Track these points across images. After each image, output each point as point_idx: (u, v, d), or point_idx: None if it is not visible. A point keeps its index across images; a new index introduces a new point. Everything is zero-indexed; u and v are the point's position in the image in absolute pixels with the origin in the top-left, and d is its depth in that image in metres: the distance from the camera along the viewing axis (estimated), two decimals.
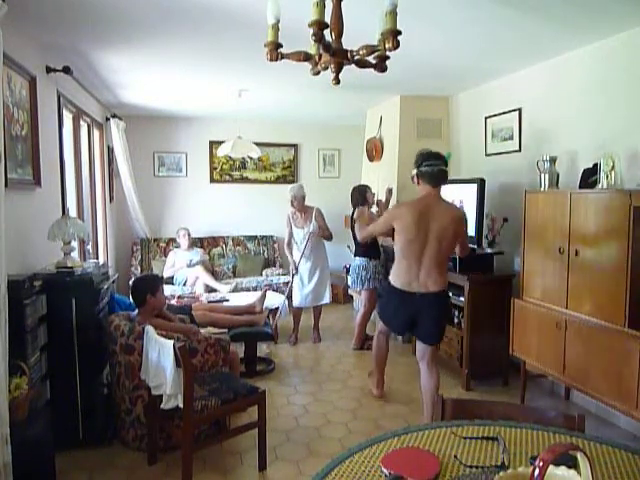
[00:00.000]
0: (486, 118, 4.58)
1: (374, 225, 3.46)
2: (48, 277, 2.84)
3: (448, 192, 4.34)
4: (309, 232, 4.83)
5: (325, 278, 5.04)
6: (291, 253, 5.01)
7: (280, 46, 1.75)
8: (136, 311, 3.16)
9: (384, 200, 4.70)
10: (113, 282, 3.84)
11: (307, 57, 1.80)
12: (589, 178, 3.19)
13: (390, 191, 4.90)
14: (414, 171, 3.05)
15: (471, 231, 3.96)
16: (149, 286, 3.13)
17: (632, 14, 2.85)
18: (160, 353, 2.57)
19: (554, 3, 2.65)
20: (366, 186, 4.89)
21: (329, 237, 4.98)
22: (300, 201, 4.90)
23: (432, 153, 3.07)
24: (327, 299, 5.06)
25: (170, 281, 5.70)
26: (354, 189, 4.84)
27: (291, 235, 5.01)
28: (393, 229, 3.12)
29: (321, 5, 1.60)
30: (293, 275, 4.98)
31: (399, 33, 1.62)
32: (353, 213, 4.74)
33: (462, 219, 3.11)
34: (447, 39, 3.28)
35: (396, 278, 3.11)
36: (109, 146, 5.69)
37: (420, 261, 2.99)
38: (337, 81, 1.81)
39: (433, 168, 2.98)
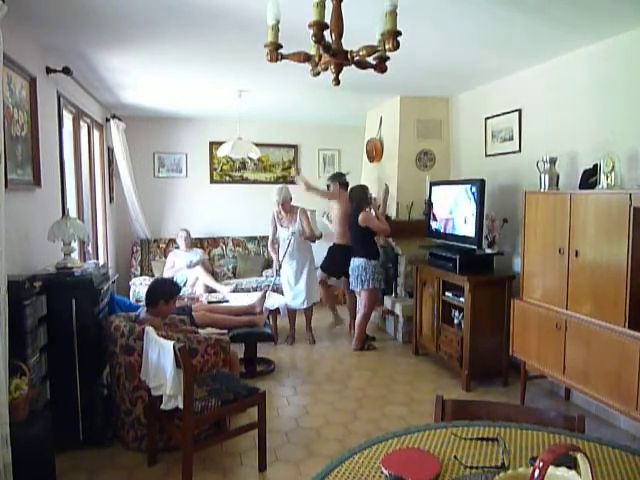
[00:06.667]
0: (486, 119, 4.58)
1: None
2: (48, 278, 2.83)
3: (447, 193, 4.39)
4: (292, 232, 4.85)
5: (313, 278, 5.05)
6: (276, 252, 5.07)
7: (280, 47, 1.75)
8: (143, 309, 3.17)
9: (381, 199, 4.69)
10: (113, 283, 3.84)
11: (307, 58, 1.80)
12: (589, 179, 3.19)
13: (387, 190, 4.89)
14: (336, 183, 5.21)
15: (471, 232, 3.97)
16: (166, 293, 3.14)
17: (632, 15, 2.86)
18: (160, 354, 2.57)
19: (554, 3, 2.66)
20: (366, 186, 4.90)
21: (312, 238, 4.96)
22: (288, 202, 4.94)
23: (340, 173, 5.43)
24: (316, 298, 5.12)
25: None
26: (355, 188, 4.84)
27: (275, 234, 5.06)
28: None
29: (321, 6, 1.59)
30: (276, 272, 5.08)
31: (399, 34, 1.62)
32: (354, 212, 4.73)
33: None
34: (447, 40, 3.28)
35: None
36: (109, 147, 5.69)
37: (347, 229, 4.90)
38: (337, 82, 1.80)
39: (344, 179, 5.23)
